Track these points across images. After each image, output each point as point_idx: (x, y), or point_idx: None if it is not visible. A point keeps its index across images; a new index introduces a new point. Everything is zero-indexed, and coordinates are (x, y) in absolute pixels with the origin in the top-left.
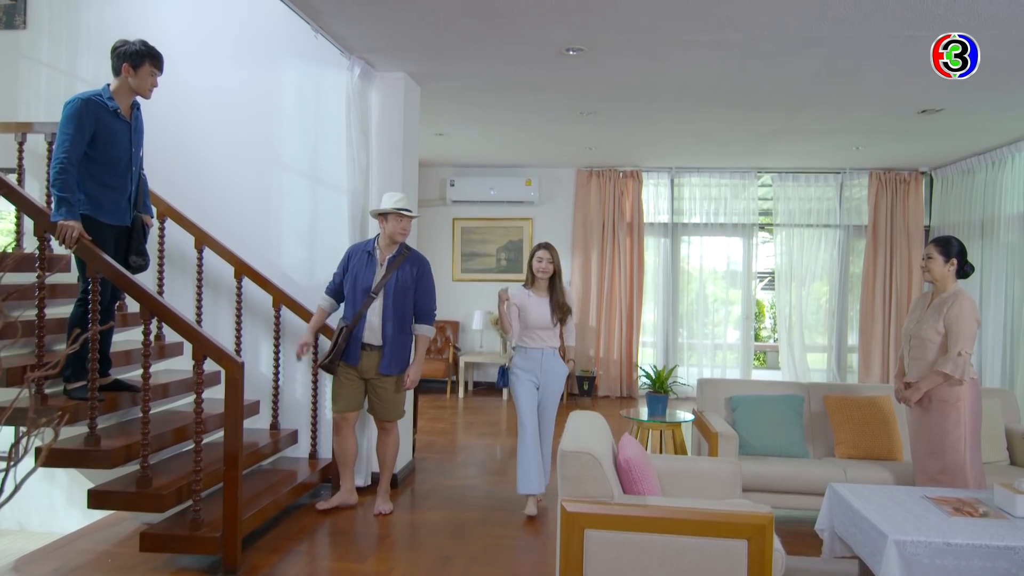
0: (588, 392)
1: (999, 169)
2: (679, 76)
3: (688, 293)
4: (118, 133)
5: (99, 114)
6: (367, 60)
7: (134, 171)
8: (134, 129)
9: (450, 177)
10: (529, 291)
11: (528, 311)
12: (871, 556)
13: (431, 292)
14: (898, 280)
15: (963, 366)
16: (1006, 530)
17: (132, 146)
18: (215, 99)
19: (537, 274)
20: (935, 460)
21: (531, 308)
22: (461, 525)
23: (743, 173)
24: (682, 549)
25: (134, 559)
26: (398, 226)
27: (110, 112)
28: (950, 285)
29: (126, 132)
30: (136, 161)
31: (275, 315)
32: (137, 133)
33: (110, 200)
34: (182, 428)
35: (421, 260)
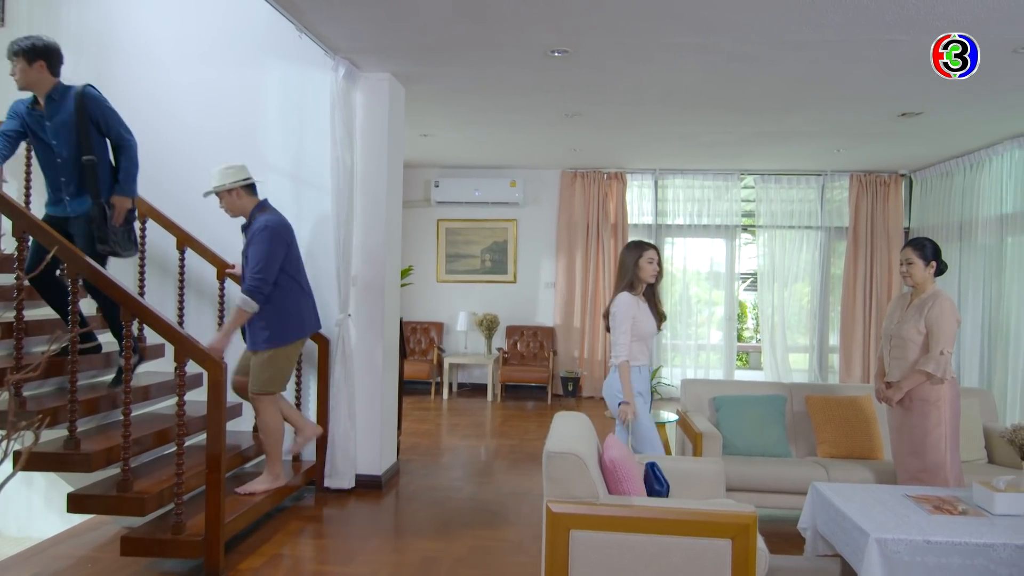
0: (573, 393)
1: (976, 172)
2: (664, 79)
3: (672, 294)
4: (36, 127)
5: (19, 111)
6: (352, 61)
7: (62, 160)
8: (51, 119)
9: (435, 178)
10: (638, 298)
11: (641, 321)
12: (853, 554)
13: (255, 257)
14: (878, 281)
15: (945, 365)
16: (984, 528)
17: (51, 137)
18: (199, 99)
19: (648, 278)
20: (916, 459)
21: (643, 317)
22: (446, 527)
23: (726, 175)
24: (667, 549)
25: (115, 563)
26: (222, 204)
27: (27, 107)
28: (930, 286)
29: (41, 124)
30: (61, 150)
31: None
32: (56, 124)
33: (50, 192)
34: (163, 431)
35: (257, 222)
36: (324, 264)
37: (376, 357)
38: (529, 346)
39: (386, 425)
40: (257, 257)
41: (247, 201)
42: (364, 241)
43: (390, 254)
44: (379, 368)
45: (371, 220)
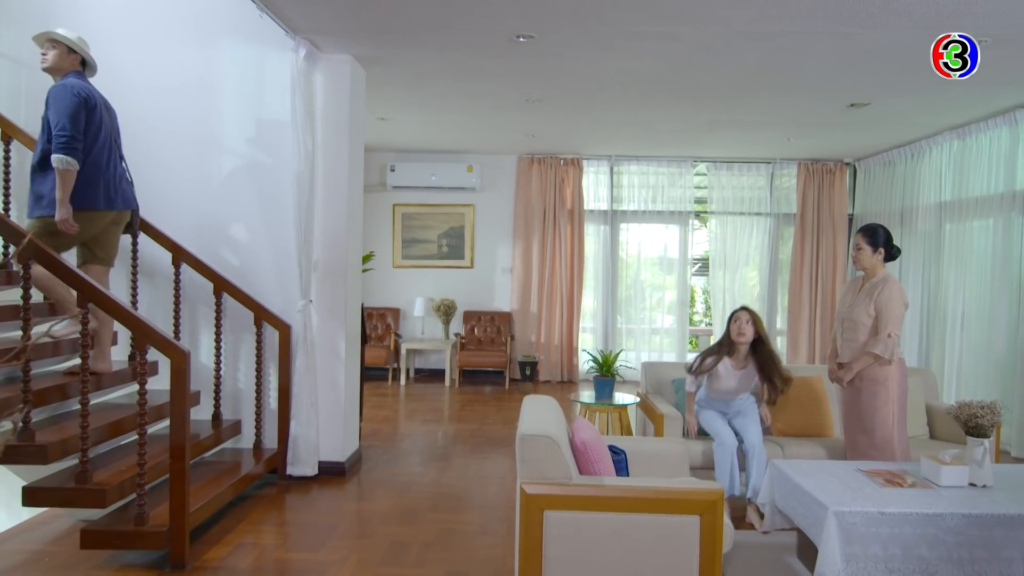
0: (530, 377)
1: (918, 161)
2: (626, 66)
3: (626, 279)
4: None
5: None
6: (313, 42)
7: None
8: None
9: (390, 162)
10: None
11: None
12: (812, 527)
13: (55, 116)
14: (824, 266)
15: (892, 347)
16: (933, 499)
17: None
18: (151, 79)
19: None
20: (866, 436)
21: None
22: (412, 512)
23: (680, 162)
24: (638, 526)
25: (73, 557)
26: (44, 57)
27: None
28: (879, 271)
29: None
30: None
31: (216, 303)
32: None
33: None
34: (118, 421)
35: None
36: (285, 250)
37: (338, 343)
38: (487, 331)
39: (349, 411)
40: (57, 115)
41: (67, 64)
42: (326, 227)
43: (352, 239)
44: (341, 354)
45: (333, 205)
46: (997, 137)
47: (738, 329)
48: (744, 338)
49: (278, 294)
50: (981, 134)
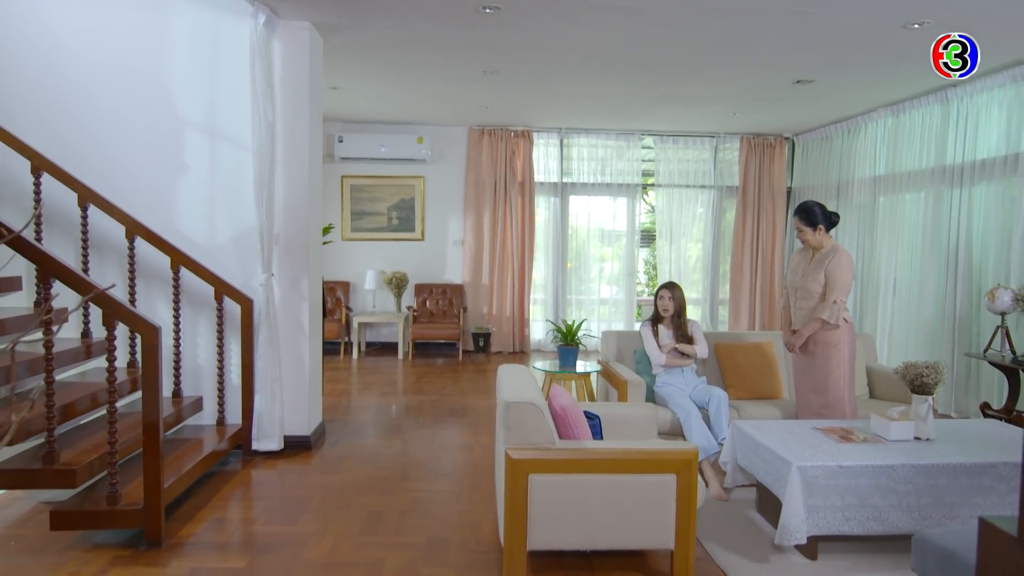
0: (483, 349)
1: (853, 136)
2: (587, 39)
3: (575, 251)
4: None
5: None
6: (271, 8)
7: None
8: None
9: (338, 133)
10: None
11: None
12: (775, 482)
13: None
14: (764, 237)
15: (838, 312)
16: (883, 452)
17: None
18: (101, 44)
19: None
20: (818, 396)
21: None
22: (384, 482)
23: (628, 135)
24: (619, 486)
25: (43, 539)
26: None
27: None
28: (827, 243)
29: None
30: None
31: (174, 277)
32: None
33: None
34: (80, 399)
35: None
36: (245, 223)
37: (301, 316)
38: (439, 304)
39: (313, 385)
40: None
41: None
42: (287, 199)
43: (313, 212)
44: (305, 327)
45: (294, 177)
46: (929, 114)
47: (663, 305)
48: (668, 312)
49: (238, 268)
50: (914, 111)
